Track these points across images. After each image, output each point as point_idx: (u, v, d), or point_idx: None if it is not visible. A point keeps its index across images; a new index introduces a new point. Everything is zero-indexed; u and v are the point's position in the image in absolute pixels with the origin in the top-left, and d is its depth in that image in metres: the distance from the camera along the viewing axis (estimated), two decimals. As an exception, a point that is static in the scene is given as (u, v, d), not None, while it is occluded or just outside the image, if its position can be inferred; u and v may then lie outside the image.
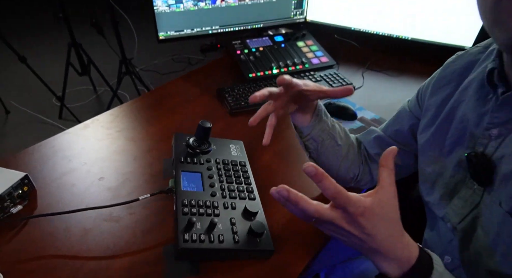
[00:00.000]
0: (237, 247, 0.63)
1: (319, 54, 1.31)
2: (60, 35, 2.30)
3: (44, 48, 3.11)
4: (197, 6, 1.21)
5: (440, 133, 0.64)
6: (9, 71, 2.67)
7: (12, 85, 2.60)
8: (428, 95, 0.69)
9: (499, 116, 0.52)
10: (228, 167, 0.81)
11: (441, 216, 0.63)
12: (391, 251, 0.46)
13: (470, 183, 0.56)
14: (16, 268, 0.63)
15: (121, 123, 1.02)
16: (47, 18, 3.41)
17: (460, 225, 0.58)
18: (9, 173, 0.77)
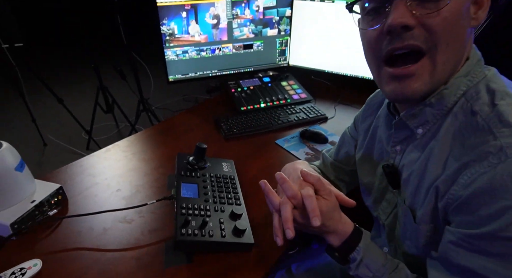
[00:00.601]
0: (224, 240, 0.70)
1: (299, 91, 1.40)
2: (91, 80, 2.46)
3: (77, 91, 3.28)
4: (200, 55, 1.34)
5: (369, 151, 0.72)
6: (49, 110, 2.82)
7: (51, 122, 2.74)
8: (360, 122, 0.78)
9: (397, 136, 0.60)
10: (220, 179, 0.89)
11: (375, 216, 0.71)
12: (333, 228, 0.59)
13: (390, 188, 0.64)
14: (52, 257, 0.71)
15: (135, 147, 1.12)
16: (81, 67, 3.63)
17: (386, 221, 0.67)
18: (48, 185, 0.86)
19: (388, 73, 0.51)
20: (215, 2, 1.25)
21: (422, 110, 0.53)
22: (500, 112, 0.45)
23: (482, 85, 0.50)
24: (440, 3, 0.45)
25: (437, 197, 0.50)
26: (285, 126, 1.21)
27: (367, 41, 0.54)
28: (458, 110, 0.50)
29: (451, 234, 0.48)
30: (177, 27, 1.24)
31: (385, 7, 0.48)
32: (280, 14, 1.39)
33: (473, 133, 0.47)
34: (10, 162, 0.79)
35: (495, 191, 0.42)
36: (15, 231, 0.75)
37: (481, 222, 0.43)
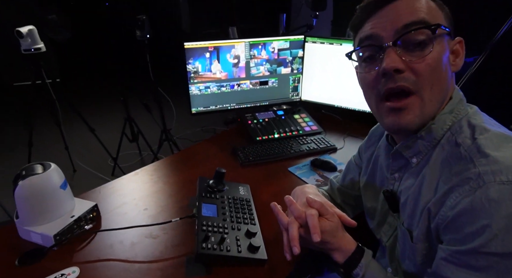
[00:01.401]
0: (240, 255, 0.77)
1: (310, 123, 1.49)
2: (120, 112, 2.65)
3: (107, 122, 3.50)
4: (220, 90, 1.47)
5: (372, 178, 0.79)
6: (80, 138, 3.01)
7: (81, 149, 2.91)
8: (363, 151, 0.86)
9: (395, 165, 0.68)
10: (236, 201, 0.97)
11: (378, 238, 0.77)
12: (337, 246, 0.65)
13: (390, 212, 0.70)
14: (88, 266, 0.79)
15: (161, 172, 1.22)
16: (111, 100, 3.89)
17: (388, 243, 0.72)
18: (85, 202, 0.96)
19: (386, 107, 0.59)
20: (235, 45, 1.40)
21: (415, 142, 0.61)
22: (479, 145, 0.52)
23: (464, 121, 0.57)
24: (424, 52, 0.54)
25: (430, 218, 0.56)
26: (297, 155, 1.29)
27: (366, 83, 0.63)
28: (445, 142, 0.58)
29: (442, 251, 0.53)
30: (201, 66, 1.39)
31: (379, 55, 0.58)
32: (293, 55, 1.52)
33: (457, 162, 0.54)
34: (56, 181, 0.90)
35: (475, 212, 0.48)
36: (57, 242, 0.84)
37: (466, 239, 0.49)
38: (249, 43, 1.42)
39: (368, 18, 0.59)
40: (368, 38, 0.59)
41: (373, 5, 0.58)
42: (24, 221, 0.87)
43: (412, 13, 0.55)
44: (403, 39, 0.55)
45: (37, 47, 2.09)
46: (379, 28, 0.57)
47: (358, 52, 0.63)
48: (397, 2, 0.56)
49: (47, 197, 0.88)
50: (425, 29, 0.54)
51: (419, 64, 0.54)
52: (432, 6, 0.57)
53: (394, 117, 0.58)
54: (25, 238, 0.88)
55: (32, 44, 2.07)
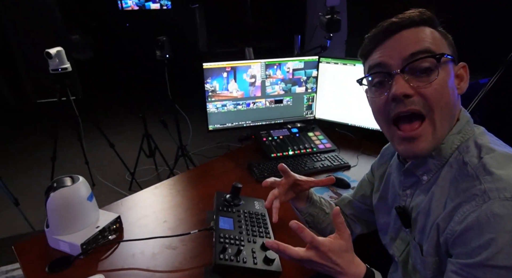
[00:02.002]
0: (256, 267, 0.81)
1: (324, 141, 1.53)
2: (138, 128, 2.76)
3: (125, 137, 3.62)
4: (236, 108, 1.54)
5: (384, 195, 0.82)
6: (99, 153, 3.12)
7: (100, 164, 3.02)
8: (376, 169, 0.89)
9: (407, 182, 0.71)
10: (252, 215, 1.01)
11: (391, 253, 0.79)
12: (348, 270, 0.65)
13: (403, 228, 0.73)
14: (112, 274, 0.84)
15: (179, 186, 1.28)
16: (130, 117, 4.04)
17: (400, 258, 0.74)
18: (108, 214, 1.02)
19: (398, 135, 0.63)
20: (251, 65, 1.48)
21: (425, 161, 0.64)
22: (484, 164, 0.56)
23: (471, 141, 0.61)
24: (430, 78, 0.59)
25: (439, 232, 0.59)
26: (311, 172, 1.33)
27: (376, 107, 0.67)
28: (453, 161, 0.61)
29: (451, 265, 0.56)
30: (218, 85, 1.47)
31: (388, 81, 0.62)
32: (307, 75, 1.59)
33: (464, 179, 0.57)
34: (84, 192, 0.97)
35: (481, 226, 0.50)
36: (83, 251, 0.90)
37: (473, 253, 0.51)
38: (265, 63, 1.49)
39: (376, 47, 0.64)
40: (377, 66, 0.64)
41: (381, 35, 0.63)
42: (53, 230, 0.93)
43: (417, 42, 0.60)
44: (410, 67, 0.60)
45: (64, 67, 2.23)
46: (387, 56, 0.62)
47: (368, 78, 0.68)
48: (403, 32, 0.61)
49: (75, 208, 0.94)
50: (431, 58, 0.59)
51: (426, 89, 0.59)
52: (436, 36, 0.62)
53: (407, 146, 0.62)
54: (54, 247, 0.95)
55: (59, 64, 2.22)
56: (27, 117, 4.43)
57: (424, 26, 0.62)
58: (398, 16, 0.63)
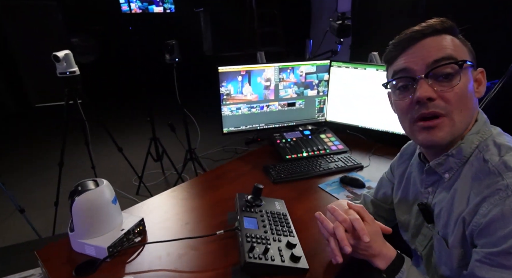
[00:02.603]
0: (284, 264, 0.83)
1: (336, 143, 1.56)
2: (146, 132, 2.78)
3: (133, 141, 3.64)
4: (250, 111, 1.56)
5: (405, 193, 0.86)
6: (106, 158, 3.15)
7: (106, 169, 3.04)
8: (395, 168, 0.93)
9: (429, 180, 0.75)
10: (274, 215, 1.03)
11: (413, 248, 0.82)
12: (380, 252, 0.71)
13: (425, 224, 0.77)
14: (140, 276, 0.86)
15: (197, 189, 1.29)
16: (139, 120, 4.07)
17: (424, 252, 0.78)
18: (131, 217, 1.03)
19: (420, 125, 0.67)
20: (265, 69, 1.51)
21: (446, 160, 0.69)
22: (505, 161, 0.60)
23: (490, 141, 0.65)
24: (452, 83, 0.63)
25: (464, 225, 0.63)
26: (325, 173, 1.35)
27: (400, 109, 0.71)
28: (473, 159, 0.65)
29: (476, 254, 0.60)
30: (233, 89, 1.49)
31: (412, 85, 0.67)
32: (319, 78, 1.62)
33: (486, 176, 0.61)
34: (108, 195, 0.98)
35: (505, 218, 0.55)
36: (110, 254, 0.91)
37: (498, 242, 0.56)
38: (278, 67, 1.52)
39: (401, 53, 0.69)
40: (402, 71, 0.68)
41: (406, 42, 0.68)
42: (79, 234, 0.95)
43: (440, 49, 0.64)
44: (434, 72, 0.64)
45: (72, 70, 2.25)
46: (411, 62, 0.66)
47: (392, 82, 0.72)
48: (426, 40, 0.66)
49: (101, 211, 0.96)
50: (453, 64, 0.63)
51: (448, 93, 0.63)
52: (457, 43, 0.66)
53: (426, 134, 0.66)
54: (78, 251, 0.95)
55: (67, 67, 2.24)
56: (29, 122, 4.45)
57: (445, 34, 0.66)
58: (421, 25, 0.67)
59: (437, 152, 0.70)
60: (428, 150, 0.74)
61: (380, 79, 1.53)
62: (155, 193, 2.54)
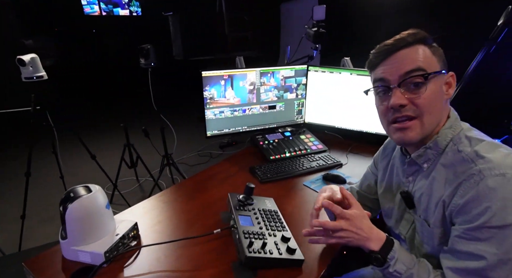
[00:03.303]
0: (282, 257, 0.88)
1: (316, 143, 1.64)
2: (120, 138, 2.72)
3: (105, 149, 3.53)
4: (233, 114, 1.61)
5: (389, 183, 0.96)
6: (79, 165, 3.02)
7: (78, 177, 2.92)
8: (379, 161, 1.03)
9: (410, 170, 0.85)
10: (266, 212, 1.08)
11: (397, 233, 0.92)
12: (371, 235, 0.80)
13: (407, 210, 0.87)
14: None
15: (187, 191, 1.31)
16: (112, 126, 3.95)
17: (407, 235, 0.88)
18: (125, 221, 1.02)
19: (395, 127, 0.78)
20: (247, 73, 1.56)
21: (425, 152, 0.79)
22: (476, 151, 0.70)
23: (462, 134, 0.76)
24: (421, 91, 0.74)
25: (444, 207, 0.73)
26: (308, 171, 1.43)
27: (380, 112, 0.83)
28: (448, 150, 0.76)
29: (455, 231, 0.70)
30: (216, 93, 1.54)
31: (388, 92, 0.78)
32: (298, 82, 1.70)
33: (461, 164, 0.71)
34: (102, 201, 0.98)
35: (480, 198, 0.65)
36: (107, 259, 0.91)
37: (474, 219, 0.65)
38: (259, 71, 1.59)
39: (379, 63, 0.79)
40: (380, 80, 0.79)
41: (383, 54, 0.78)
42: (73, 241, 0.93)
43: (411, 62, 0.74)
44: (405, 82, 0.75)
45: (39, 75, 2.17)
46: (387, 73, 0.77)
47: (374, 90, 0.83)
48: (400, 52, 0.76)
49: (95, 216, 0.95)
50: (420, 76, 0.74)
51: (417, 100, 0.74)
52: (428, 54, 0.75)
53: (400, 134, 0.78)
54: (71, 259, 0.94)
55: (34, 72, 2.15)
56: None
57: (418, 44, 0.76)
58: (396, 38, 0.77)
59: (418, 146, 0.80)
60: (403, 146, 0.86)
61: (353, 83, 1.64)
62: (130, 201, 2.51)
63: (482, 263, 0.64)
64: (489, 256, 0.63)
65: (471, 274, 0.66)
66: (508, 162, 0.66)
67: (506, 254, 0.63)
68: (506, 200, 0.62)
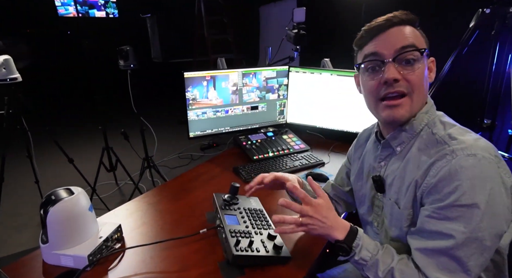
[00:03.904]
0: (269, 254, 0.89)
1: (298, 142, 1.67)
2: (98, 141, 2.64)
3: (84, 152, 3.42)
4: (216, 115, 1.61)
5: (360, 172, 0.99)
6: (54, 169, 2.91)
7: (55, 181, 2.81)
8: (353, 153, 1.06)
9: (382, 155, 0.88)
10: (252, 211, 1.09)
11: (370, 220, 0.94)
12: (336, 224, 0.81)
13: (377, 195, 0.90)
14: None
15: (171, 192, 1.30)
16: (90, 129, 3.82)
17: (378, 219, 0.91)
18: (108, 224, 1.01)
19: (384, 104, 0.78)
20: (229, 74, 1.57)
21: (400, 134, 0.81)
22: (450, 133, 0.73)
23: (437, 119, 0.79)
24: (414, 67, 0.75)
25: (416, 187, 0.74)
26: (292, 171, 1.45)
27: (368, 88, 0.81)
28: (423, 133, 0.78)
29: (426, 210, 0.70)
30: (198, 93, 1.53)
31: (380, 67, 0.77)
32: (279, 83, 1.72)
33: (435, 145, 0.74)
34: (85, 203, 0.96)
35: (451, 176, 0.66)
36: (90, 262, 0.89)
37: (444, 197, 0.66)
38: (242, 72, 1.60)
39: (371, 39, 0.79)
40: (372, 55, 0.78)
41: (376, 30, 0.78)
42: (54, 245, 0.91)
43: (405, 38, 0.75)
44: (400, 57, 0.75)
45: (13, 77, 2.08)
46: (382, 47, 0.77)
47: (365, 65, 0.81)
48: (393, 29, 0.77)
49: (78, 219, 0.93)
50: (417, 51, 0.75)
51: (411, 75, 0.75)
52: (418, 34, 0.78)
53: (390, 112, 0.77)
54: (53, 263, 0.91)
55: (7, 74, 2.06)
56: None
57: (408, 25, 0.78)
58: (388, 16, 0.78)
59: (395, 128, 0.82)
60: (389, 125, 0.85)
61: (334, 83, 1.69)
62: (110, 205, 2.45)
63: (451, 242, 0.66)
64: (458, 235, 0.65)
65: (439, 253, 0.68)
66: (479, 144, 0.69)
67: (473, 232, 0.64)
68: (475, 179, 0.64)
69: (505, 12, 1.47)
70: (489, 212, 0.64)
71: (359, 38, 0.82)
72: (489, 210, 0.64)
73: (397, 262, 0.75)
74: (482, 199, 0.64)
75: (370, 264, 0.77)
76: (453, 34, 1.74)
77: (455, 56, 1.58)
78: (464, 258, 0.65)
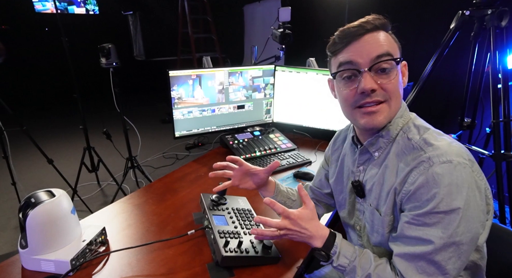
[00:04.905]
0: (258, 255, 0.88)
1: (285, 142, 1.67)
2: (80, 141, 2.56)
3: (64, 153, 3.30)
4: (202, 114, 1.58)
5: (340, 175, 0.97)
6: (33, 170, 2.80)
7: (33, 183, 2.70)
8: (330, 155, 1.05)
9: (361, 159, 0.86)
10: (240, 211, 1.08)
11: (352, 224, 0.94)
12: (316, 233, 0.81)
13: (357, 199, 0.89)
14: (113, 282, 0.83)
15: (157, 193, 1.27)
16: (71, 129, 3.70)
17: (359, 224, 0.90)
18: (91, 226, 0.97)
19: (362, 112, 0.76)
20: (215, 73, 1.55)
21: (377, 140, 0.81)
22: (425, 139, 0.74)
23: (411, 123, 0.79)
24: (390, 76, 0.74)
25: (395, 194, 0.74)
26: (280, 170, 1.45)
27: (344, 96, 0.79)
28: (399, 139, 0.78)
29: (405, 217, 0.71)
30: (184, 92, 1.50)
31: (356, 76, 0.76)
32: (266, 82, 1.71)
33: (411, 151, 0.74)
34: (67, 206, 0.92)
35: (429, 184, 0.66)
36: (73, 267, 0.86)
37: (423, 204, 0.67)
38: (228, 71, 1.58)
39: (346, 46, 0.77)
40: (348, 63, 0.76)
41: (350, 37, 0.76)
42: (34, 250, 0.87)
43: (380, 46, 0.74)
44: (375, 67, 0.74)
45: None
46: (357, 56, 0.75)
47: (341, 74, 0.79)
48: (367, 36, 0.75)
49: (60, 222, 0.89)
50: (392, 60, 0.75)
51: (387, 84, 0.74)
52: (392, 41, 0.77)
53: (368, 118, 0.76)
54: (33, 269, 0.88)
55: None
56: None
57: (382, 30, 0.76)
58: (361, 21, 0.76)
59: (372, 134, 0.82)
60: (367, 131, 0.84)
61: (320, 82, 1.69)
62: (92, 207, 2.39)
63: (430, 247, 0.67)
64: (436, 240, 0.66)
65: (418, 258, 0.69)
66: (453, 149, 0.69)
67: (450, 237, 0.65)
68: (451, 185, 0.65)
69: (483, 14, 1.51)
70: (466, 217, 0.66)
71: (332, 44, 0.80)
72: (466, 214, 0.66)
73: (375, 268, 0.75)
74: (459, 204, 0.65)
75: (348, 270, 0.78)
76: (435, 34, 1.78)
77: (436, 57, 1.62)
78: (442, 262, 0.67)
